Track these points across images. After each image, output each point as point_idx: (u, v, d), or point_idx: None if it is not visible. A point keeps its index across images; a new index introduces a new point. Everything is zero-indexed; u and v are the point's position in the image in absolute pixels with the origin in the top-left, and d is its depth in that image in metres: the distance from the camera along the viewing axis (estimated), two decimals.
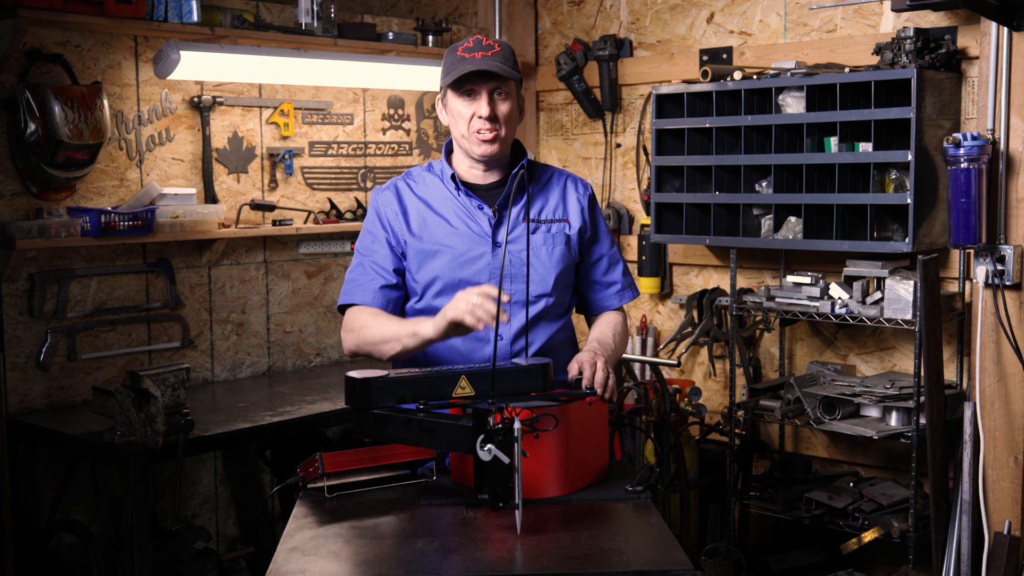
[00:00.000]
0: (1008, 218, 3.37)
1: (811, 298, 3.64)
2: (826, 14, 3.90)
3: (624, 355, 3.43)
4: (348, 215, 4.27)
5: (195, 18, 3.52)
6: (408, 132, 4.53)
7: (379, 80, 4.23)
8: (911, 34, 3.41)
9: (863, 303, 3.54)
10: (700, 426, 4.07)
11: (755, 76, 3.73)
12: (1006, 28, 3.30)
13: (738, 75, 3.73)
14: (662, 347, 4.28)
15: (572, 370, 2.28)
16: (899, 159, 3.38)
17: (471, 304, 2.15)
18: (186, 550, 3.44)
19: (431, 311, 2.40)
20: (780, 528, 4.01)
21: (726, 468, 3.94)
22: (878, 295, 3.53)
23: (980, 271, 3.35)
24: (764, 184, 3.75)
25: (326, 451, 2.28)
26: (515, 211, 2.48)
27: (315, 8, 3.78)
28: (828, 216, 3.55)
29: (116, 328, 3.67)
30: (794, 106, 3.61)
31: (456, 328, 2.21)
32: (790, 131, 3.64)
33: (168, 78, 3.60)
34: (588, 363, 2.27)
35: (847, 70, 3.53)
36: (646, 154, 4.41)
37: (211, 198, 3.86)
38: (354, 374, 2.11)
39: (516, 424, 1.93)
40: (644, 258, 4.33)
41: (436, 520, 2.08)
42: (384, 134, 4.45)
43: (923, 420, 3.36)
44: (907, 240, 3.38)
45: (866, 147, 3.47)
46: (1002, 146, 3.34)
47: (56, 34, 3.45)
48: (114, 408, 3.02)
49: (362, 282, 2.47)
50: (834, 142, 3.54)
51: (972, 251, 3.40)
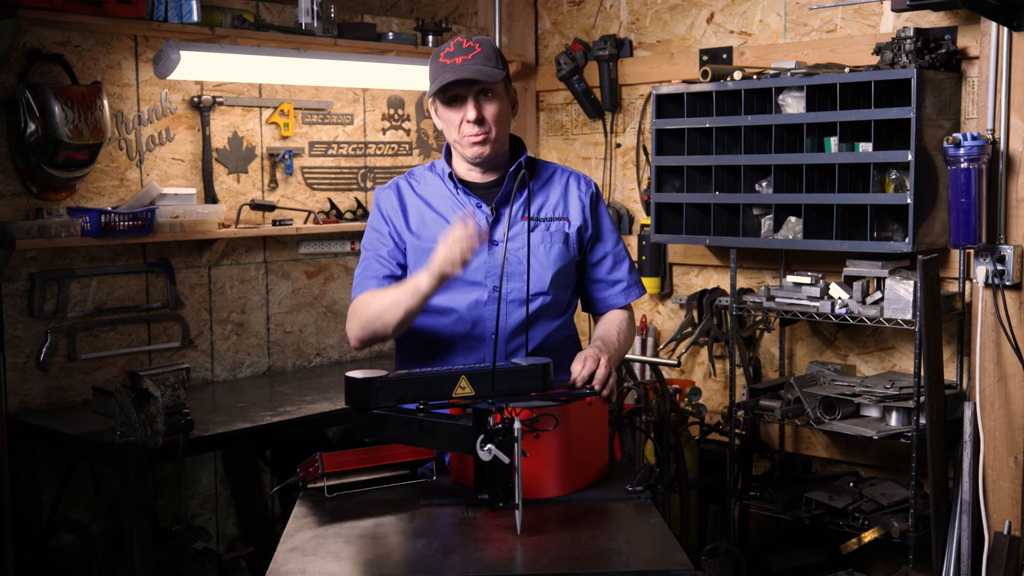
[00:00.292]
0: (1008, 218, 3.37)
1: (811, 298, 3.64)
2: (826, 14, 3.90)
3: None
4: (348, 215, 4.27)
5: (195, 18, 3.52)
6: (408, 132, 4.53)
7: (379, 80, 4.23)
8: (911, 34, 3.41)
9: (863, 303, 3.54)
10: (700, 426, 4.07)
11: (755, 76, 3.73)
12: (1006, 28, 3.30)
13: (738, 75, 3.73)
14: (662, 347, 4.28)
15: (575, 368, 2.28)
16: (899, 159, 3.38)
17: (448, 255, 2.18)
18: (186, 550, 3.44)
19: (428, 310, 2.40)
20: (780, 528, 4.01)
21: (726, 468, 3.94)
22: (878, 295, 3.53)
23: (980, 271, 3.35)
24: (764, 184, 3.75)
25: (326, 451, 2.27)
26: (513, 209, 2.47)
27: (315, 8, 3.78)
28: (828, 216, 3.55)
29: (116, 328, 3.67)
30: (794, 106, 3.61)
31: (448, 275, 2.23)
32: (790, 131, 3.64)
33: (168, 78, 3.60)
34: (592, 359, 2.28)
35: (847, 70, 3.53)
36: (646, 154, 4.41)
37: (211, 198, 3.86)
38: (354, 374, 2.11)
39: (516, 424, 1.93)
40: (644, 258, 4.34)
41: (436, 520, 2.08)
42: (384, 134, 4.44)
43: (923, 420, 3.36)
44: (907, 240, 3.37)
45: (866, 147, 3.47)
46: (1002, 146, 3.34)
47: (56, 34, 3.45)
48: (114, 408, 3.02)
49: (368, 276, 2.46)
50: (834, 142, 3.54)
51: (972, 251, 3.40)
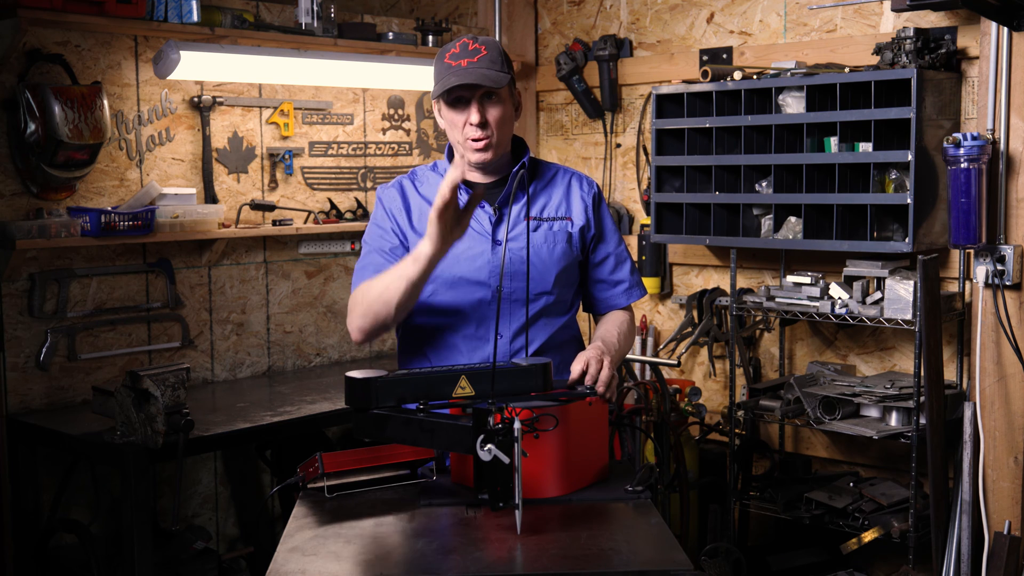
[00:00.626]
0: (1008, 218, 3.37)
1: (811, 298, 3.64)
2: (826, 14, 3.90)
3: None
4: (348, 215, 4.27)
5: (195, 18, 3.52)
6: (408, 132, 4.53)
7: (379, 80, 4.23)
8: (911, 34, 3.41)
9: (863, 303, 3.54)
10: (700, 426, 4.07)
11: (755, 76, 3.73)
12: (1006, 28, 3.30)
13: (738, 75, 3.73)
14: (662, 347, 4.28)
15: (576, 368, 2.28)
16: (899, 159, 3.38)
17: (438, 198, 2.12)
18: (186, 550, 3.44)
19: (431, 310, 2.40)
20: (780, 528, 4.01)
21: (726, 468, 3.94)
22: (878, 295, 3.53)
23: (980, 271, 3.35)
24: (764, 184, 3.75)
25: (326, 451, 2.27)
26: (516, 208, 2.47)
27: (315, 8, 3.78)
28: (828, 216, 3.55)
29: (116, 328, 3.67)
30: (794, 106, 3.61)
31: (446, 230, 2.17)
32: (790, 131, 3.64)
33: (168, 78, 3.60)
34: (595, 360, 2.27)
35: (847, 70, 3.53)
36: (646, 154, 4.41)
37: (211, 198, 3.86)
38: (354, 374, 2.11)
39: (516, 424, 1.93)
40: (644, 258, 4.34)
41: (436, 520, 2.08)
42: (384, 134, 4.44)
43: (923, 420, 3.36)
44: (907, 240, 3.37)
45: (866, 147, 3.47)
46: (1002, 146, 3.34)
47: (56, 34, 3.45)
48: (114, 408, 3.02)
49: (369, 269, 2.42)
50: (834, 142, 3.54)
51: (972, 251, 3.40)
